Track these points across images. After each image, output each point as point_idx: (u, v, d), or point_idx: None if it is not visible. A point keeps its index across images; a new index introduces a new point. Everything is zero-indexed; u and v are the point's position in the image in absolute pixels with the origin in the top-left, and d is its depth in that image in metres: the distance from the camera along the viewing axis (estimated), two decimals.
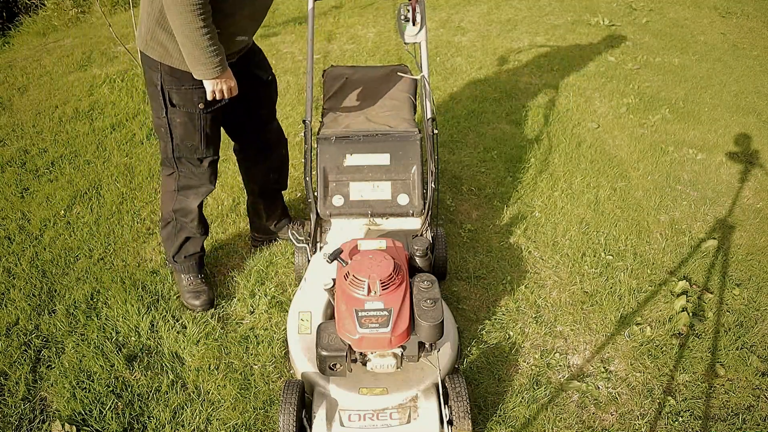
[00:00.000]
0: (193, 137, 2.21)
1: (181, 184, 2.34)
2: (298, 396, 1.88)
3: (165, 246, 2.55)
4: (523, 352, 2.35)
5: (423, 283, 1.88)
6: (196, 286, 2.52)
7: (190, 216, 2.41)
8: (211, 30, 1.90)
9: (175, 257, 2.50)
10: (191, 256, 2.51)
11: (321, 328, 1.89)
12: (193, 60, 1.95)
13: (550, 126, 3.96)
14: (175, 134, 2.20)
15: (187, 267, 2.52)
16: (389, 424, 1.88)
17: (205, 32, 1.88)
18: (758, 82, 4.79)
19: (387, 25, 5.58)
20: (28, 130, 3.90)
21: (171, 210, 2.40)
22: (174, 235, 2.46)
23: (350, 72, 2.74)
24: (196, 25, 1.85)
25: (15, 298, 2.56)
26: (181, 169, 2.31)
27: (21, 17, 6.72)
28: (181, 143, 2.22)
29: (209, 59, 1.94)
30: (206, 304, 2.50)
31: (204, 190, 2.38)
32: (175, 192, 2.36)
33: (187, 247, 2.49)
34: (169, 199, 2.40)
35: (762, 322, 2.51)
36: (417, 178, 2.31)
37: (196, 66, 1.97)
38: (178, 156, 2.26)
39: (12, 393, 2.16)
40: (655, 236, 3.00)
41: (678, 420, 2.10)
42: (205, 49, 1.91)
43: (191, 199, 2.37)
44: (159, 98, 2.12)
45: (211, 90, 2.05)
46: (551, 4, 6.33)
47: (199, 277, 2.54)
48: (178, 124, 2.17)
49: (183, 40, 1.91)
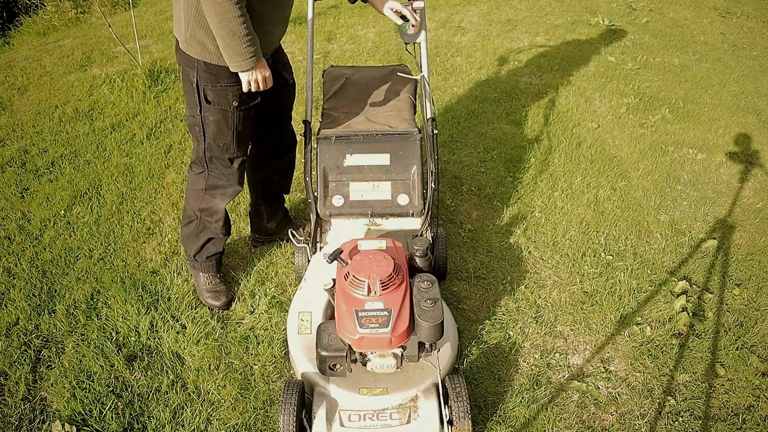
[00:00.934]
0: (226, 136, 2.22)
1: (209, 184, 2.34)
2: (298, 396, 1.88)
3: (185, 243, 2.53)
4: (523, 352, 2.35)
5: (423, 283, 1.88)
6: (215, 286, 2.53)
7: (215, 216, 2.41)
8: (246, 19, 1.91)
9: (195, 256, 2.49)
10: (212, 257, 2.50)
11: (321, 328, 1.89)
12: (230, 50, 1.96)
13: (550, 126, 3.96)
14: (208, 133, 2.21)
15: (207, 266, 2.51)
16: (389, 425, 1.88)
17: (241, 21, 1.89)
18: (758, 82, 4.79)
19: (387, 25, 5.58)
20: (28, 130, 3.90)
21: (197, 208, 2.40)
22: (196, 235, 2.45)
23: (350, 72, 2.74)
24: (233, 14, 1.86)
25: (15, 298, 2.56)
26: (211, 169, 2.31)
27: (21, 17, 6.72)
28: (214, 142, 2.23)
29: (245, 48, 1.95)
30: (226, 305, 2.51)
31: (231, 191, 2.38)
32: (203, 191, 2.36)
33: (209, 248, 2.48)
34: (195, 197, 2.39)
35: (762, 322, 2.51)
36: (417, 178, 2.31)
37: (233, 56, 1.97)
38: (210, 156, 2.27)
39: (12, 393, 2.16)
40: (655, 236, 3.00)
41: (678, 420, 2.10)
42: (242, 39, 1.92)
43: (218, 199, 2.38)
44: (194, 95, 2.14)
45: (247, 80, 2.06)
46: (551, 4, 6.33)
47: (217, 277, 2.55)
48: (212, 122, 2.18)
49: (219, 30, 1.92)
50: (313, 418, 1.89)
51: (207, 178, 2.34)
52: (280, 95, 2.42)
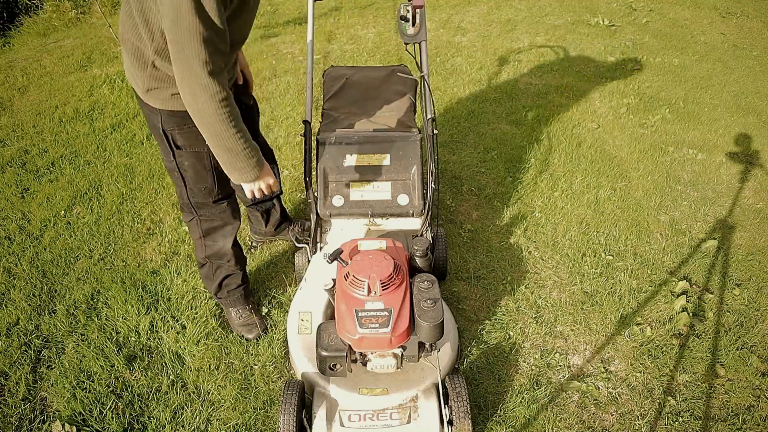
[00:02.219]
0: (206, 179, 2.08)
1: (204, 229, 2.23)
2: (298, 396, 1.88)
3: (206, 284, 2.48)
4: (523, 352, 2.35)
5: (423, 283, 1.88)
6: (246, 319, 2.42)
7: (225, 257, 2.31)
8: (242, 131, 1.78)
9: (218, 294, 2.41)
10: (235, 290, 2.41)
11: (321, 329, 1.89)
12: (229, 166, 1.84)
13: (550, 126, 3.96)
14: (187, 178, 2.07)
15: (233, 300, 2.42)
16: (389, 425, 1.88)
17: (238, 137, 1.76)
18: (758, 82, 4.79)
19: (387, 26, 5.58)
20: (28, 130, 3.90)
21: (204, 256, 2.31)
22: (212, 275, 2.36)
23: (350, 72, 2.74)
24: (229, 133, 1.73)
25: (15, 298, 2.56)
26: (201, 213, 2.19)
27: (21, 17, 6.72)
28: (195, 187, 2.10)
29: (246, 162, 1.82)
30: (259, 337, 2.41)
31: (230, 229, 2.27)
32: (202, 238, 2.26)
33: (228, 283, 2.39)
34: (199, 247, 2.30)
35: (762, 322, 2.51)
36: (417, 179, 2.31)
37: (232, 171, 1.85)
38: (195, 201, 2.15)
39: (12, 393, 2.16)
40: (655, 236, 3.00)
41: (678, 420, 2.10)
42: (240, 154, 1.79)
43: (220, 241, 2.27)
44: (164, 142, 1.99)
45: (250, 190, 1.94)
46: (551, 4, 6.32)
47: (247, 309, 2.44)
48: (188, 166, 2.04)
49: (215, 148, 1.80)
50: (313, 418, 1.89)
51: (200, 223, 2.22)
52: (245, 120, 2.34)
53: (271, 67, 4.80)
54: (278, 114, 4.06)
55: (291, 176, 3.41)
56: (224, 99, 1.69)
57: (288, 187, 3.32)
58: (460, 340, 2.33)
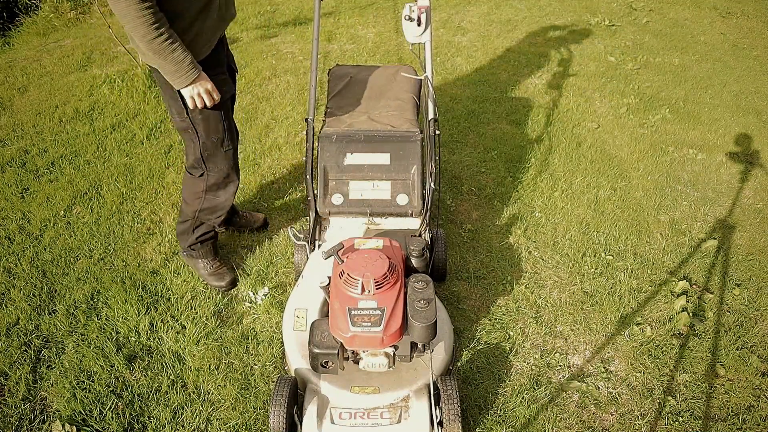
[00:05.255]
0: (218, 130, 2.24)
1: (210, 183, 2.37)
2: (289, 392, 1.88)
3: (180, 239, 2.61)
4: (523, 352, 2.35)
5: (418, 283, 1.88)
6: (216, 269, 2.60)
7: (217, 213, 2.45)
8: (169, 35, 1.87)
9: (191, 246, 2.56)
10: (207, 242, 2.57)
11: (314, 326, 1.89)
12: (164, 70, 1.95)
13: (550, 126, 3.96)
14: (201, 132, 2.22)
15: (204, 252, 2.58)
16: (379, 423, 1.88)
17: (162, 39, 1.85)
18: (758, 82, 4.79)
19: (387, 26, 5.58)
20: (28, 130, 3.90)
21: (197, 209, 2.43)
22: (191, 231, 2.52)
23: (355, 71, 2.74)
24: (152, 35, 1.83)
25: (15, 298, 2.56)
26: (210, 168, 2.33)
27: (21, 17, 6.72)
28: (208, 139, 2.24)
29: (177, 65, 1.92)
30: (230, 284, 2.58)
31: (233, 188, 2.44)
32: (204, 192, 2.39)
33: (202, 238, 2.55)
34: (195, 200, 2.42)
35: (762, 322, 2.51)
36: (417, 179, 2.31)
37: (168, 76, 1.96)
38: (207, 155, 2.29)
39: (12, 393, 2.16)
40: (655, 236, 3.00)
41: (678, 420, 2.10)
42: (169, 57, 1.90)
43: (222, 196, 2.42)
44: (178, 100, 2.11)
45: (189, 96, 2.03)
46: (551, 4, 6.32)
47: (216, 260, 2.62)
48: (201, 120, 2.18)
49: (147, 52, 1.91)
50: (304, 415, 1.89)
51: (207, 178, 2.35)
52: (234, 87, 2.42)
53: (271, 67, 4.80)
54: (278, 114, 4.06)
55: (291, 175, 3.41)
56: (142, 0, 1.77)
57: (288, 186, 3.32)
58: (455, 342, 2.33)
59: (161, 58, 1.90)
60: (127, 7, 1.77)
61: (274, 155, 3.59)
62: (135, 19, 1.79)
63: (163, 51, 1.88)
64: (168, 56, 1.90)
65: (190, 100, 2.05)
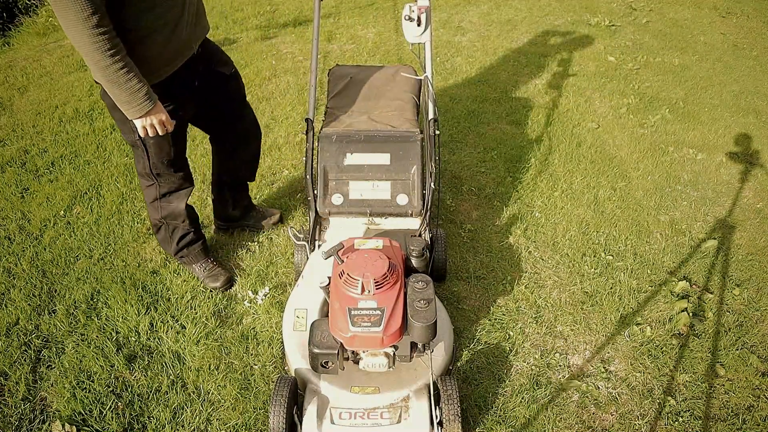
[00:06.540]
0: (168, 152, 2.24)
1: (162, 192, 2.39)
2: (289, 392, 1.88)
3: (164, 248, 2.63)
4: (523, 352, 2.35)
5: (418, 283, 1.88)
6: (210, 270, 2.62)
7: (180, 218, 2.47)
8: (125, 64, 1.80)
9: (179, 254, 2.58)
10: (193, 246, 2.59)
11: (314, 326, 1.89)
12: (117, 99, 1.88)
13: (550, 126, 3.96)
14: (151, 153, 2.21)
15: (194, 256, 2.60)
16: (379, 423, 1.88)
17: (117, 68, 1.78)
18: (758, 82, 4.79)
19: (387, 26, 5.58)
20: (28, 130, 3.90)
21: (159, 217, 2.46)
22: (169, 237, 2.53)
23: (355, 71, 2.74)
24: (106, 62, 1.76)
25: (15, 298, 2.56)
26: (160, 181, 2.35)
27: (21, 17, 6.72)
28: (157, 160, 2.25)
29: (131, 96, 1.85)
30: (225, 284, 2.59)
31: (185, 192, 2.45)
32: (158, 200, 2.41)
33: (185, 242, 2.56)
34: (154, 209, 2.45)
35: (762, 322, 2.51)
36: (417, 179, 2.31)
37: (121, 105, 1.89)
38: (156, 172, 2.30)
39: (12, 393, 2.16)
40: (655, 236, 3.00)
41: (678, 420, 2.10)
42: (124, 86, 1.83)
43: (175, 202, 2.43)
44: (126, 123, 2.03)
45: (141, 126, 1.97)
46: (551, 4, 6.32)
47: (209, 261, 2.64)
48: (152, 143, 2.16)
49: (101, 80, 1.84)
50: (304, 415, 1.89)
51: (158, 188, 2.37)
52: (225, 90, 2.43)
53: (271, 67, 4.80)
54: (278, 114, 4.06)
55: (291, 175, 3.41)
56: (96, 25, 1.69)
57: (288, 186, 3.32)
58: (455, 342, 2.33)
59: (115, 86, 1.83)
60: (80, 33, 1.70)
61: (274, 155, 3.59)
62: (88, 45, 1.72)
63: (118, 80, 1.81)
64: (123, 85, 1.82)
65: (141, 130, 1.99)
